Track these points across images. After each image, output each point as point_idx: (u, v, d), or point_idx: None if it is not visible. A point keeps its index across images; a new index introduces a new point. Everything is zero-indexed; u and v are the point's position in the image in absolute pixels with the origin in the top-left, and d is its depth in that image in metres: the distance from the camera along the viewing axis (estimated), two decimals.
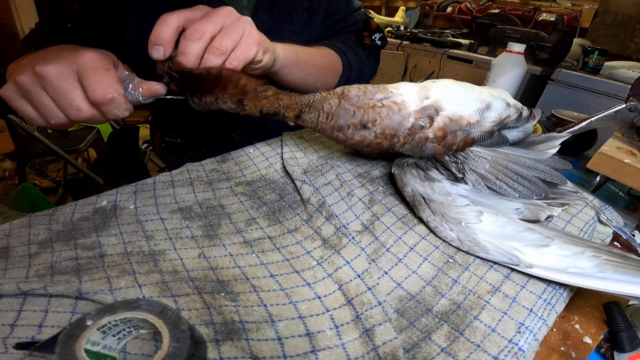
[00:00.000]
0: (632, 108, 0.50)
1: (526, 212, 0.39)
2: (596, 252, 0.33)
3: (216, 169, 0.48)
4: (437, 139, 0.38)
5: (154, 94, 0.38)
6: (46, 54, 0.38)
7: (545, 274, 0.33)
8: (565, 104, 1.49)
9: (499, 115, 0.40)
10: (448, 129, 0.38)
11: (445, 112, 0.38)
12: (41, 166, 1.80)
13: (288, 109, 0.39)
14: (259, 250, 0.36)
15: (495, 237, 0.35)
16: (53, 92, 0.34)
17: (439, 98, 0.38)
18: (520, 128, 0.43)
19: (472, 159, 0.39)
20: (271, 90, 0.39)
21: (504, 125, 0.41)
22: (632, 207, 0.53)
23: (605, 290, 0.31)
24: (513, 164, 0.40)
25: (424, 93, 0.39)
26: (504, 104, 0.41)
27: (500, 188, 0.39)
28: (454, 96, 0.39)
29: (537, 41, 1.54)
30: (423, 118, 0.38)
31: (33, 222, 0.37)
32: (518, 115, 0.42)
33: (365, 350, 0.26)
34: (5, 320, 0.26)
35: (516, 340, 0.27)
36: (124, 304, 0.23)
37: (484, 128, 0.39)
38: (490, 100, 0.40)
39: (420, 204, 0.39)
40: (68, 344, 0.21)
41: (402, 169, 0.42)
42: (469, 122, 0.38)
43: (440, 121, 0.38)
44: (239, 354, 0.25)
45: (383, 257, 0.35)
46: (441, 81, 0.41)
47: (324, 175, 0.46)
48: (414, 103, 0.38)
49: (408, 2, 2.59)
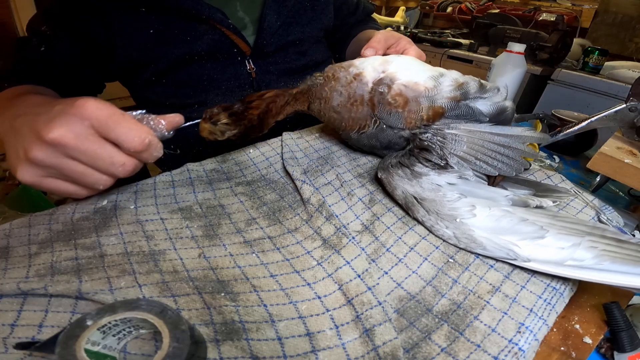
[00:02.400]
0: (632, 108, 0.50)
1: (516, 198, 0.39)
2: (592, 242, 0.33)
3: (216, 169, 0.48)
4: (399, 105, 0.43)
5: (176, 125, 0.36)
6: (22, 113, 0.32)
7: (542, 267, 0.33)
8: (565, 104, 1.49)
9: (454, 80, 0.43)
10: (406, 94, 0.43)
11: (400, 81, 0.43)
12: None
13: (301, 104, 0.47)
14: (259, 250, 0.36)
15: (490, 232, 0.35)
16: (85, 157, 0.30)
17: (394, 70, 0.44)
18: (487, 99, 0.44)
19: (449, 142, 0.41)
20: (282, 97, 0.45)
21: (467, 93, 0.43)
22: (632, 207, 0.53)
23: (605, 282, 0.31)
24: (489, 143, 0.41)
25: (383, 67, 0.45)
26: (458, 74, 0.45)
27: (481, 168, 0.40)
28: (410, 69, 0.44)
29: (537, 41, 1.54)
30: (382, 86, 0.43)
31: (33, 222, 0.37)
32: (479, 84, 0.44)
33: (365, 350, 0.26)
34: (5, 320, 0.26)
35: (516, 340, 0.27)
36: (124, 304, 0.23)
37: (445, 94, 0.42)
38: (443, 71, 0.45)
39: (413, 205, 0.39)
40: (68, 344, 0.21)
41: (387, 172, 0.43)
42: (426, 87, 0.42)
43: (396, 88, 0.43)
44: (239, 354, 0.25)
45: (383, 257, 0.35)
46: (402, 57, 0.48)
47: (324, 175, 0.46)
48: (369, 75, 0.44)
49: (408, 2, 2.59)
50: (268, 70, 0.62)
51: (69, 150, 0.29)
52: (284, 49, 0.63)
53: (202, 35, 0.55)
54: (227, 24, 0.55)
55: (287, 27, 0.62)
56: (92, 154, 0.30)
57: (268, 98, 0.44)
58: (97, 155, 0.30)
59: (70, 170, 0.30)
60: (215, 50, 0.56)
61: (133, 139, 0.30)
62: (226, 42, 0.57)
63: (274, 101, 0.44)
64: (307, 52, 0.67)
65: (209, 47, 0.55)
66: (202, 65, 0.57)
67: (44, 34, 0.50)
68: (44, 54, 0.50)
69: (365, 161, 0.51)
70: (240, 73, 0.60)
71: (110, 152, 0.30)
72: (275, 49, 0.61)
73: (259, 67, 0.61)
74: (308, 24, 0.65)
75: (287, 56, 0.64)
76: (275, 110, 0.45)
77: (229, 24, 0.55)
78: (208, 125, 0.41)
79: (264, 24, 0.58)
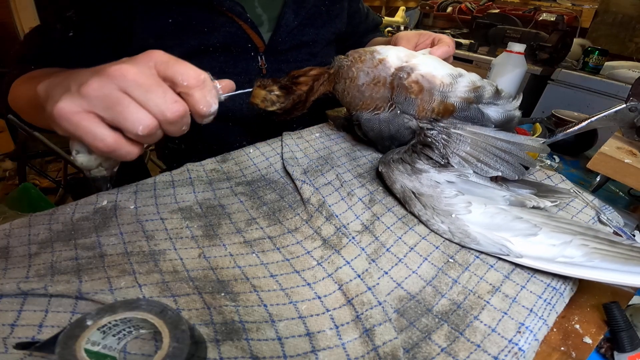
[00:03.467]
0: (632, 108, 0.50)
1: (512, 199, 0.39)
2: (584, 240, 0.34)
3: (216, 168, 0.48)
4: (414, 91, 0.45)
5: (230, 90, 0.35)
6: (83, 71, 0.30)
7: (534, 263, 0.33)
8: (565, 104, 1.49)
9: (472, 82, 0.45)
10: (422, 83, 0.45)
11: (419, 71, 0.46)
12: (41, 166, 1.80)
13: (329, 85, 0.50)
14: (259, 250, 0.36)
15: (485, 228, 0.36)
16: (139, 91, 0.28)
17: (416, 62, 0.47)
18: (499, 106, 0.45)
19: (453, 142, 0.42)
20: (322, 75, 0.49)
21: (481, 97, 0.44)
22: (632, 207, 0.53)
23: (594, 279, 0.31)
24: (492, 147, 0.41)
25: (407, 58, 0.48)
26: (477, 77, 0.46)
27: (482, 170, 0.41)
28: (431, 64, 0.47)
29: (537, 41, 1.54)
30: (402, 72, 0.46)
31: (33, 222, 0.37)
32: (495, 90, 0.45)
33: (365, 350, 0.26)
34: (5, 320, 0.26)
35: (516, 340, 0.27)
36: (124, 304, 0.23)
37: (459, 93, 0.44)
38: (463, 72, 0.47)
39: (410, 199, 0.40)
40: (68, 344, 0.21)
41: (388, 166, 0.43)
42: (442, 82, 0.45)
43: (414, 76, 0.46)
44: (239, 354, 0.25)
45: (383, 257, 0.35)
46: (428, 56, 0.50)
47: (324, 175, 0.46)
48: (392, 61, 0.47)
49: (408, 2, 2.59)
50: (279, 68, 0.63)
51: (126, 82, 0.28)
52: (297, 49, 0.64)
53: (219, 27, 0.55)
54: (246, 17, 0.56)
55: (302, 28, 0.63)
56: (147, 86, 0.28)
57: (313, 75, 0.47)
58: (151, 89, 0.29)
59: (118, 102, 0.28)
60: (230, 44, 0.57)
61: (189, 74, 0.30)
62: (242, 36, 0.58)
63: (317, 79, 0.47)
64: (318, 53, 0.68)
65: (224, 39, 0.56)
66: (215, 57, 0.58)
67: (69, 20, 0.51)
68: (72, 39, 0.51)
69: (365, 161, 0.51)
70: (252, 68, 0.61)
71: (165, 88, 0.30)
72: (289, 47, 0.62)
73: (270, 63, 0.62)
74: (322, 27, 0.66)
75: (299, 55, 0.65)
76: (315, 88, 0.48)
77: (247, 18, 0.56)
78: (264, 92, 0.44)
79: (281, 22, 0.60)
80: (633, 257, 0.32)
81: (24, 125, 0.51)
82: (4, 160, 1.77)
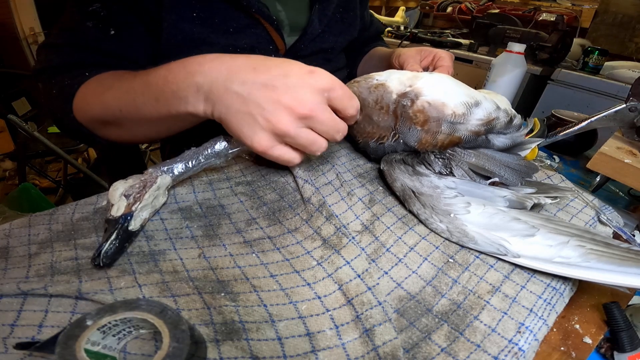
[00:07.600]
0: (632, 108, 0.50)
1: (513, 198, 0.39)
2: (580, 242, 0.34)
3: (216, 168, 0.48)
4: (419, 122, 0.41)
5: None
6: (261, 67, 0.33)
7: (531, 263, 0.33)
8: (565, 104, 1.49)
9: (487, 115, 0.41)
10: (428, 112, 0.40)
11: (425, 98, 0.41)
12: (41, 166, 1.80)
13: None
14: (259, 250, 0.36)
15: (483, 228, 0.36)
16: (321, 126, 0.33)
17: (420, 86, 0.41)
18: (508, 135, 0.43)
19: (456, 160, 0.41)
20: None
21: (492, 128, 0.42)
22: (632, 207, 0.53)
23: (590, 279, 0.32)
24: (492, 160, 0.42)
25: (410, 82, 0.42)
26: (494, 106, 0.42)
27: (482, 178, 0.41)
28: (441, 86, 0.42)
29: (537, 41, 1.54)
30: (405, 99, 0.41)
31: (33, 222, 0.37)
32: (508, 120, 0.43)
33: (365, 350, 0.26)
34: (5, 320, 0.26)
35: (516, 340, 0.27)
36: (124, 304, 0.23)
37: (470, 127, 0.40)
38: (480, 98, 0.41)
39: (410, 197, 0.40)
40: (68, 344, 0.21)
41: (390, 165, 0.43)
42: (454, 113, 0.40)
43: (419, 104, 0.41)
44: (239, 354, 0.25)
45: (383, 257, 0.35)
46: (436, 75, 0.44)
47: (324, 175, 0.46)
48: (394, 87, 0.43)
49: (408, 2, 2.59)
50: None
51: (313, 121, 0.32)
52: (315, 54, 0.64)
53: (244, 28, 0.55)
54: (272, 20, 0.55)
55: (324, 35, 0.63)
56: (327, 122, 0.33)
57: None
58: (329, 125, 0.33)
59: (305, 139, 0.33)
60: (255, 46, 0.57)
61: (353, 106, 0.34)
62: (266, 38, 0.57)
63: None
64: (332, 59, 0.69)
65: (251, 41, 0.56)
66: None
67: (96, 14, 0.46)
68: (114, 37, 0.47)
69: (365, 161, 0.51)
70: None
71: (336, 120, 0.34)
72: (309, 53, 0.63)
73: None
74: (340, 35, 0.66)
75: (316, 60, 0.65)
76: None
77: (272, 20, 0.55)
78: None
79: (308, 28, 0.59)
80: (629, 258, 0.32)
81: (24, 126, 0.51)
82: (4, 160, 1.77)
